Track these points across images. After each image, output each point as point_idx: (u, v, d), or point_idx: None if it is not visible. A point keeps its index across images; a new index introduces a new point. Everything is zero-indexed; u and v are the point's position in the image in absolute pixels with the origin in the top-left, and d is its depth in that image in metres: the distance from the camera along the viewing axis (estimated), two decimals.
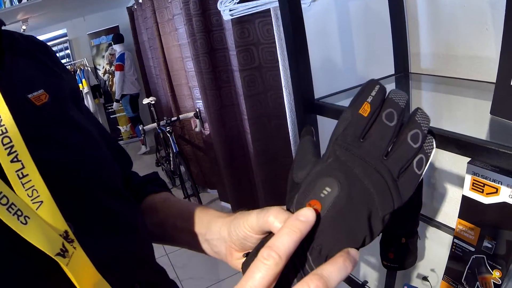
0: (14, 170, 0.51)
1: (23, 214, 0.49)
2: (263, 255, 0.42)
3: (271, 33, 2.35)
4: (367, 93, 0.45)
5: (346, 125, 0.45)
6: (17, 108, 0.56)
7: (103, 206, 0.68)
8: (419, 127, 0.44)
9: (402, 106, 0.45)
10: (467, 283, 1.06)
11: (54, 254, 0.49)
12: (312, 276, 0.41)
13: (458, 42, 1.20)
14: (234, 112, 3.29)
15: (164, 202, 0.89)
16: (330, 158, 0.46)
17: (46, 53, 0.79)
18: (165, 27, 4.36)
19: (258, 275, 0.42)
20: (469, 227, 1.02)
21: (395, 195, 0.43)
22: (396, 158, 0.44)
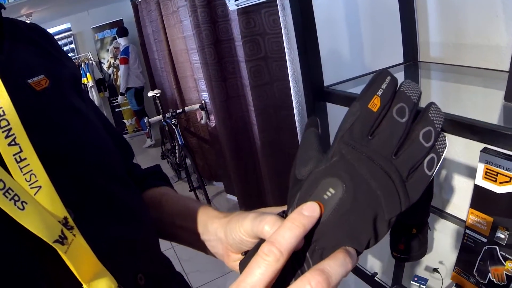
0: (11, 154, 0.49)
1: (20, 199, 0.47)
2: (264, 251, 0.41)
3: (277, 23, 2.34)
4: (378, 85, 0.42)
5: (353, 120, 0.42)
6: (16, 92, 0.55)
7: (105, 192, 0.67)
8: (433, 124, 0.42)
9: (414, 100, 0.43)
10: (478, 274, 1.05)
11: (52, 241, 0.48)
12: (313, 272, 0.40)
13: (468, 30, 1.18)
14: (240, 104, 3.28)
15: (163, 197, 0.88)
16: (335, 157, 0.43)
17: (48, 40, 0.78)
18: (169, 19, 4.35)
19: (257, 271, 0.41)
20: (481, 217, 1.01)
21: (403, 197, 0.41)
22: (406, 158, 0.41)
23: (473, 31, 1.17)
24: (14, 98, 0.52)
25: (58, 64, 0.75)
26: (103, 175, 0.68)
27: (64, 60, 0.79)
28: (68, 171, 0.61)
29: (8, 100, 0.51)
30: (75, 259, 0.50)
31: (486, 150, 0.95)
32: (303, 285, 0.39)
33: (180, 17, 4.00)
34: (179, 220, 0.81)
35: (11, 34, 0.68)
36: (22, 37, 0.70)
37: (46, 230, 0.48)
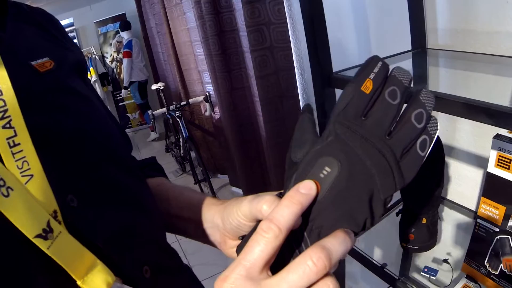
0: (4, 137, 0.46)
1: (5, 185, 0.44)
2: (263, 228, 0.41)
3: (282, 13, 2.32)
4: (370, 69, 0.43)
5: (347, 102, 0.44)
6: (18, 73, 0.53)
7: (111, 179, 0.64)
8: (424, 106, 0.43)
9: (405, 84, 0.44)
10: (490, 265, 1.04)
11: (33, 236, 0.45)
12: (314, 248, 0.40)
13: (477, 16, 1.16)
14: (245, 95, 3.27)
15: (158, 187, 0.87)
16: (330, 137, 0.44)
17: (53, 24, 0.76)
18: (172, 11, 4.33)
19: (257, 249, 0.41)
20: (493, 206, 0.99)
21: (397, 177, 0.42)
22: (399, 137, 0.42)
23: (482, 17, 1.15)
24: (15, 78, 0.49)
25: (63, 48, 0.73)
26: (108, 161, 0.66)
27: (69, 44, 0.77)
28: (72, 156, 0.58)
29: (7, 80, 0.49)
30: (62, 254, 0.47)
31: (499, 137, 0.93)
32: (305, 260, 0.39)
33: (184, 9, 3.99)
34: (177, 210, 0.80)
35: (16, 15, 0.66)
36: (27, 19, 0.68)
37: (29, 222, 0.45)
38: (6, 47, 0.57)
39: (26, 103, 0.49)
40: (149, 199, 0.74)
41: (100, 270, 0.52)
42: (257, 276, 0.41)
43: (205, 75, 4.08)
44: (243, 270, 0.41)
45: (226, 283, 0.41)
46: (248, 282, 0.41)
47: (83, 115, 0.66)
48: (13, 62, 0.53)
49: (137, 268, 0.62)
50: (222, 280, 0.41)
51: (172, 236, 0.78)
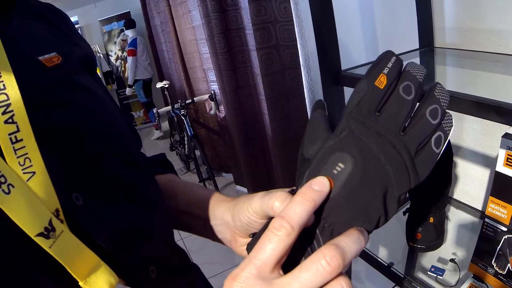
0: (6, 133, 0.45)
1: (6, 182, 0.43)
2: (275, 226, 0.40)
3: (288, 11, 2.32)
4: (383, 64, 0.43)
5: (361, 97, 0.43)
6: (24, 67, 0.53)
7: (117, 176, 0.63)
8: (438, 102, 0.42)
9: (420, 80, 0.43)
10: (497, 265, 1.03)
11: (34, 234, 0.44)
12: (328, 246, 0.39)
13: (485, 15, 1.16)
14: (250, 93, 3.26)
15: (168, 183, 0.86)
16: (343, 132, 0.43)
17: (61, 19, 0.75)
18: (177, 9, 4.33)
19: (269, 247, 0.40)
20: (501, 205, 0.99)
21: (412, 173, 0.41)
22: (414, 134, 0.41)
23: (490, 16, 1.15)
24: (21, 73, 0.49)
25: (71, 43, 0.72)
26: (115, 158, 0.65)
27: (78, 39, 0.76)
28: (77, 152, 0.57)
29: (11, 74, 0.48)
30: (64, 254, 0.47)
31: (508, 136, 0.93)
32: (318, 259, 0.38)
33: (189, 7, 3.99)
34: (185, 206, 0.79)
35: (23, 9, 0.65)
36: (34, 14, 0.68)
37: (30, 220, 0.44)
38: (11, 41, 0.56)
39: (31, 98, 0.49)
40: (157, 196, 0.73)
41: (103, 271, 0.51)
42: (268, 275, 0.40)
43: (210, 73, 4.07)
44: (254, 269, 0.40)
45: (236, 282, 0.40)
46: (259, 281, 0.40)
47: (90, 110, 0.65)
48: (18, 56, 0.53)
49: (143, 268, 0.61)
50: (232, 278, 0.41)
51: (176, 234, 0.78)
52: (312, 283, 0.38)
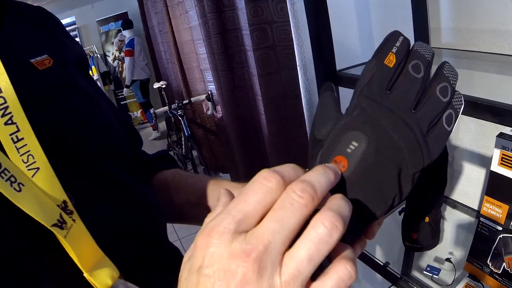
0: (7, 133, 0.47)
1: (16, 181, 0.45)
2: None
3: (285, 11, 2.31)
4: (392, 43, 0.42)
5: (371, 76, 0.42)
6: (17, 71, 0.54)
7: (110, 177, 0.65)
8: (448, 80, 0.42)
9: (428, 58, 0.43)
10: (493, 264, 1.04)
11: (50, 225, 0.46)
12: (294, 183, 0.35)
13: (481, 15, 1.17)
14: (247, 93, 3.26)
15: (175, 177, 0.87)
16: (355, 111, 0.43)
17: (52, 22, 0.76)
18: (175, 10, 4.33)
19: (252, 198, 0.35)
20: (497, 204, 1.00)
21: (425, 151, 0.41)
22: (425, 112, 0.41)
23: (486, 17, 1.15)
24: (14, 76, 0.49)
25: (62, 45, 0.73)
26: (108, 159, 0.66)
27: (69, 42, 0.77)
28: (70, 153, 0.59)
29: (6, 77, 0.49)
30: (75, 245, 0.48)
31: (502, 136, 0.94)
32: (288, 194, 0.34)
33: (186, 7, 3.98)
34: (194, 197, 0.79)
35: (14, 14, 0.65)
36: (25, 18, 0.68)
37: (43, 213, 0.46)
38: (4, 45, 0.57)
39: (25, 101, 0.50)
40: (150, 198, 0.74)
41: (107, 265, 0.52)
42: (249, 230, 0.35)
43: (207, 74, 4.07)
44: (232, 222, 0.34)
45: (212, 238, 0.34)
46: (237, 237, 0.34)
47: (83, 113, 0.66)
48: (11, 60, 0.54)
49: (133, 266, 0.62)
50: (206, 234, 0.34)
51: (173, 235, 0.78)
52: (291, 219, 0.33)
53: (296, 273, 0.32)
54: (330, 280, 0.34)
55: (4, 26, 0.60)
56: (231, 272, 0.32)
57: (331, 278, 0.34)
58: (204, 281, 0.33)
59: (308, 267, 0.32)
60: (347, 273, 0.34)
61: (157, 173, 0.89)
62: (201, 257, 0.34)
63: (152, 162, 0.92)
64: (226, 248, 0.33)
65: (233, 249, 0.33)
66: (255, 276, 0.32)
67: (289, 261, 0.33)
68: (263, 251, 0.32)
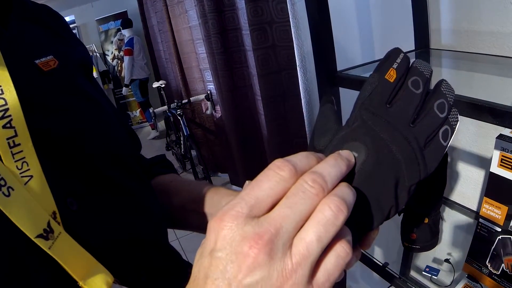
0: (5, 137, 0.46)
1: (6, 185, 0.44)
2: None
3: (285, 11, 2.32)
4: (393, 59, 0.44)
5: (372, 89, 0.44)
6: (21, 72, 0.53)
7: (112, 180, 0.64)
8: (445, 97, 0.44)
9: (427, 76, 0.44)
10: (491, 265, 1.04)
11: (34, 236, 0.45)
12: (306, 174, 0.36)
13: (481, 17, 1.17)
14: (246, 93, 3.26)
15: (171, 183, 0.87)
16: (356, 122, 0.44)
17: (58, 22, 0.75)
18: (174, 9, 4.33)
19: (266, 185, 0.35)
20: (496, 205, 1.00)
21: (421, 164, 0.42)
22: (422, 126, 0.42)
23: (486, 18, 1.15)
24: (18, 77, 0.49)
25: (67, 46, 0.72)
26: (111, 163, 0.65)
27: (74, 43, 0.76)
28: (73, 157, 0.58)
29: (9, 79, 0.48)
30: (63, 255, 0.48)
31: (502, 137, 0.94)
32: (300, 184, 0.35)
33: (186, 7, 3.99)
34: (190, 204, 0.79)
35: (19, 12, 0.65)
36: (30, 17, 0.67)
37: (30, 222, 0.45)
38: (8, 45, 0.56)
39: (27, 103, 0.49)
40: (151, 202, 0.73)
41: (100, 271, 0.52)
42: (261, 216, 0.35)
43: (207, 74, 4.07)
44: (246, 207, 0.34)
45: (225, 222, 0.34)
46: (250, 221, 0.34)
47: (86, 116, 0.65)
48: (15, 60, 0.53)
49: (133, 271, 0.62)
50: (219, 219, 0.34)
51: (172, 235, 0.78)
52: (302, 206, 0.34)
53: (306, 253, 0.33)
54: (329, 258, 0.35)
55: (9, 25, 0.59)
56: (243, 254, 0.32)
57: (330, 256, 0.35)
58: (216, 263, 0.33)
59: (317, 248, 0.33)
60: (344, 251, 0.35)
61: (155, 178, 0.89)
62: (213, 240, 0.34)
63: (150, 166, 0.91)
64: (239, 231, 0.33)
65: (246, 232, 0.33)
66: (266, 258, 0.32)
67: (299, 243, 0.33)
68: (275, 234, 0.33)
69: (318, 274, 0.35)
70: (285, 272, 0.33)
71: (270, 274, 0.32)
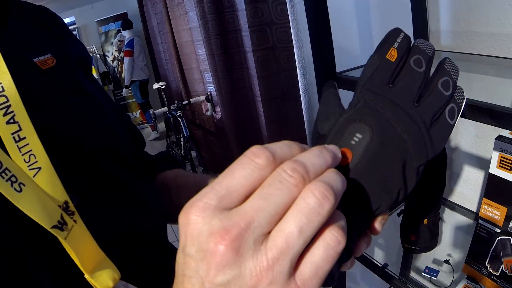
0: (9, 132, 0.47)
1: (17, 181, 0.45)
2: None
3: (285, 13, 2.31)
4: (393, 39, 0.43)
5: (373, 70, 0.43)
6: (20, 70, 0.53)
7: (112, 178, 0.65)
8: (449, 75, 0.43)
9: (429, 54, 0.43)
10: (491, 266, 1.04)
11: (50, 227, 0.46)
12: (285, 162, 0.32)
13: (480, 18, 1.17)
14: (246, 95, 3.26)
15: (177, 178, 0.87)
16: (358, 104, 0.43)
17: (55, 22, 0.76)
18: (175, 10, 4.33)
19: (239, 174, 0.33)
20: (495, 207, 1.00)
21: (428, 144, 0.41)
22: (427, 105, 0.41)
23: (485, 19, 1.15)
24: (17, 75, 0.49)
25: (65, 45, 0.73)
26: (111, 160, 0.66)
27: (72, 41, 0.77)
28: (73, 154, 0.59)
29: (9, 76, 0.49)
30: (76, 246, 0.48)
31: (501, 138, 0.94)
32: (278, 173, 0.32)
33: (186, 8, 3.98)
34: None
35: (17, 13, 0.65)
36: (28, 17, 0.68)
37: (44, 214, 0.46)
38: (7, 44, 0.57)
39: (27, 101, 0.50)
40: (151, 198, 0.74)
41: (108, 266, 0.52)
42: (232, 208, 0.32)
43: (207, 75, 4.07)
44: (215, 198, 0.32)
45: (192, 214, 0.31)
46: (218, 214, 0.31)
47: (85, 113, 0.66)
48: (14, 59, 0.54)
49: (134, 267, 0.62)
50: (186, 211, 0.32)
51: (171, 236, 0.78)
52: (278, 198, 0.31)
53: (285, 247, 0.30)
54: (317, 249, 0.32)
55: (7, 25, 0.60)
56: (210, 251, 0.30)
57: (318, 246, 0.32)
58: (188, 261, 0.31)
59: (298, 241, 0.30)
60: (334, 238, 0.32)
61: (159, 173, 0.89)
62: (183, 235, 0.32)
63: (155, 162, 0.92)
64: (205, 225, 0.30)
65: (213, 227, 0.30)
66: (234, 256, 0.29)
67: (277, 234, 0.30)
68: (245, 229, 0.30)
69: (302, 268, 0.31)
70: (259, 269, 0.30)
71: (242, 272, 0.30)
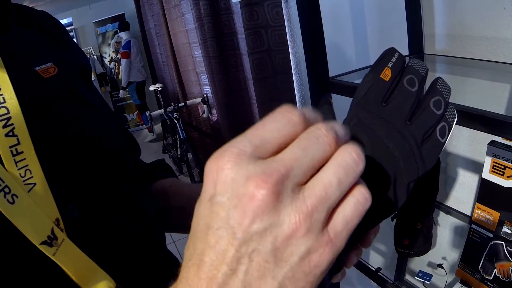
0: (7, 146, 0.46)
1: (10, 192, 0.44)
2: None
3: (280, 16, 2.31)
4: (388, 58, 0.44)
5: (367, 88, 0.44)
6: (22, 79, 0.53)
7: (113, 188, 0.64)
8: (441, 94, 0.43)
9: (422, 74, 0.44)
10: (484, 270, 1.04)
11: (39, 243, 0.45)
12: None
13: (475, 22, 1.17)
14: (242, 97, 3.26)
15: (171, 187, 0.87)
16: (352, 121, 0.44)
17: (57, 28, 0.75)
18: (171, 13, 4.33)
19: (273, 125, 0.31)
20: (488, 212, 1.00)
21: (419, 161, 0.41)
22: (419, 123, 0.42)
23: (480, 24, 1.15)
24: (19, 85, 0.49)
25: (66, 53, 0.72)
26: (110, 170, 0.66)
27: (73, 49, 0.76)
28: (74, 164, 0.58)
29: (10, 87, 0.48)
30: (67, 261, 0.48)
31: (493, 143, 0.94)
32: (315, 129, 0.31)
33: (182, 10, 3.98)
34: (190, 207, 0.79)
35: (19, 19, 0.65)
36: (30, 24, 0.68)
37: (34, 229, 0.45)
38: (9, 52, 0.56)
39: (28, 110, 0.49)
40: (150, 208, 0.73)
41: (102, 277, 0.52)
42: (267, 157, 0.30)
43: (203, 77, 4.07)
44: (249, 146, 0.30)
45: (226, 157, 0.29)
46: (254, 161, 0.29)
47: (87, 123, 0.66)
48: (16, 67, 0.53)
49: (134, 277, 0.62)
50: (218, 157, 0.30)
51: (168, 238, 0.78)
52: (316, 151, 0.30)
53: (324, 196, 0.29)
54: (348, 204, 0.31)
55: (9, 31, 0.59)
56: (248, 196, 0.28)
57: (349, 202, 0.31)
58: (216, 210, 0.29)
59: (336, 192, 0.29)
60: (363, 195, 0.31)
61: (154, 182, 0.89)
62: (211, 183, 0.30)
63: (149, 171, 0.91)
64: (242, 170, 0.28)
65: (251, 172, 0.28)
66: (275, 201, 0.28)
67: (316, 183, 0.29)
68: (285, 175, 0.28)
69: (335, 220, 0.30)
70: (298, 217, 0.28)
71: (281, 219, 0.28)
